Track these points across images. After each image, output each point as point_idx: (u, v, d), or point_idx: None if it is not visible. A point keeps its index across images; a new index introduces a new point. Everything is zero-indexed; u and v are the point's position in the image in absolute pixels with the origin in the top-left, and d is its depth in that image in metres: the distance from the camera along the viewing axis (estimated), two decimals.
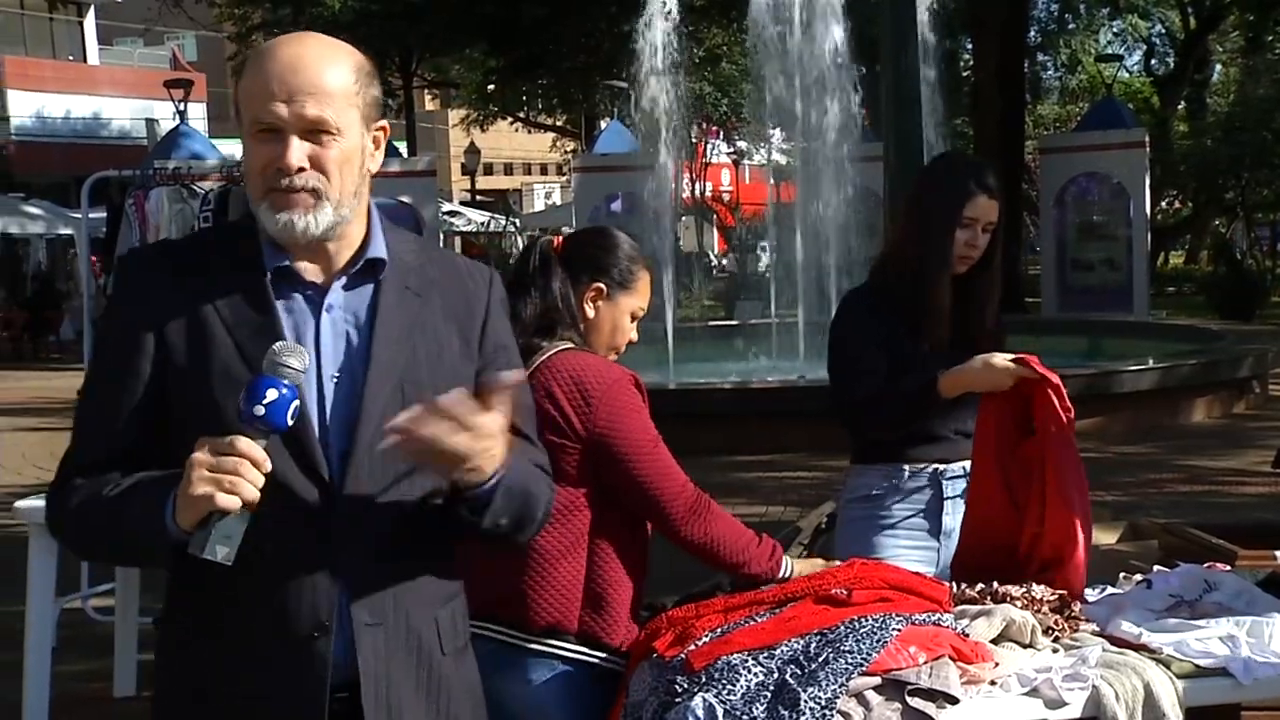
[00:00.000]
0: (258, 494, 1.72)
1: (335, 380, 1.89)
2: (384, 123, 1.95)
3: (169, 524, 1.75)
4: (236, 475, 1.70)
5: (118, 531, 1.84)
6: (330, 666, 1.86)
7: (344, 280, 1.93)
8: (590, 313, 2.74)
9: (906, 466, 3.30)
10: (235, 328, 1.86)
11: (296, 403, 1.76)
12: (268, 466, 1.73)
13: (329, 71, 1.86)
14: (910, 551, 3.26)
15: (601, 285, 2.73)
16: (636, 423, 2.61)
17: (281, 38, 1.91)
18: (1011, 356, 3.03)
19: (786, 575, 2.71)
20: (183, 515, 1.74)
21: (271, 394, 1.73)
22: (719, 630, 2.48)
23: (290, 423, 1.75)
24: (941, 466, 3.30)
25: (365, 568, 1.88)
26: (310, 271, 1.91)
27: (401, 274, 1.96)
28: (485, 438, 1.81)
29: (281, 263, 1.89)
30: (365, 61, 1.92)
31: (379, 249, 1.94)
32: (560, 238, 2.83)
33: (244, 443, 1.72)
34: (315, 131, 1.84)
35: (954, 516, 3.28)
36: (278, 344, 1.77)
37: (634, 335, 2.82)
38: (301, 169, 1.84)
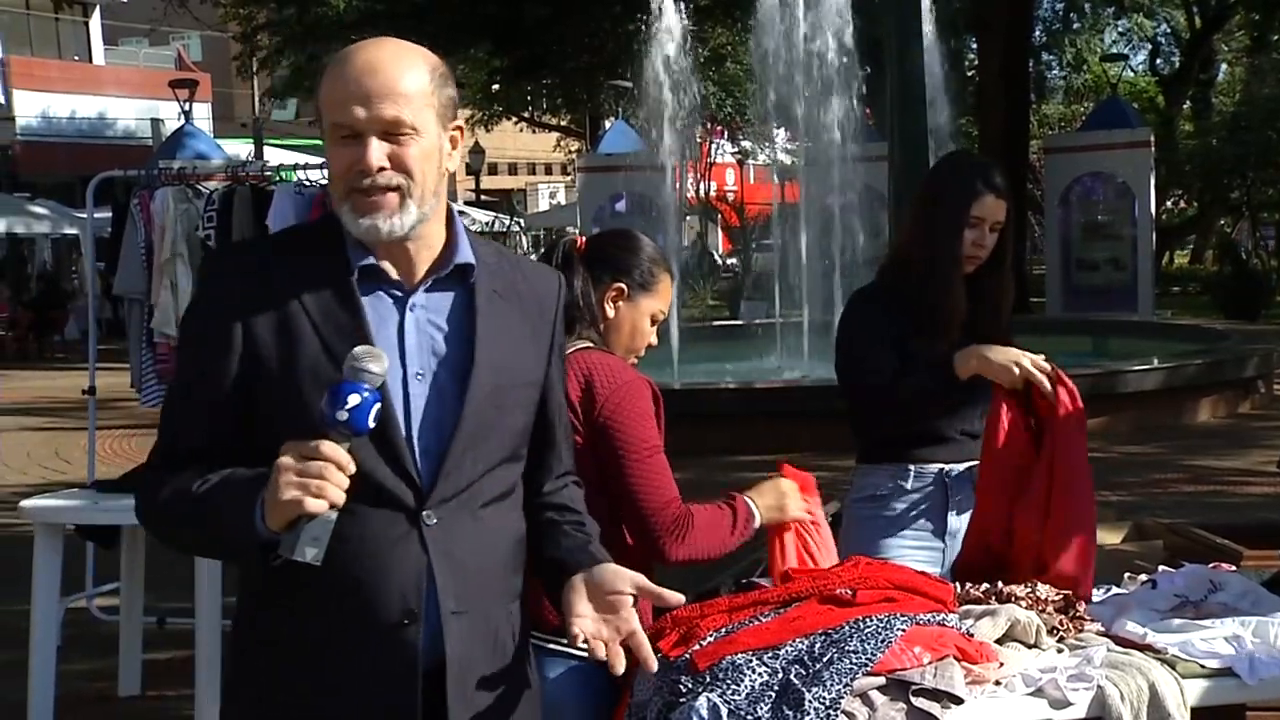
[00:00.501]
0: (344, 496, 1.77)
1: (420, 378, 1.94)
2: (460, 122, 2.00)
3: (258, 526, 1.80)
4: (323, 480, 1.75)
5: (207, 530, 1.89)
6: (420, 652, 1.91)
7: (430, 282, 1.97)
8: (610, 312, 2.74)
9: (913, 467, 3.29)
10: (322, 326, 1.90)
11: (378, 406, 1.80)
12: (352, 469, 1.78)
13: (405, 74, 1.90)
14: (915, 552, 3.26)
15: (623, 285, 2.74)
16: (638, 425, 2.60)
17: (360, 44, 1.95)
18: (1033, 359, 3.03)
19: (758, 524, 2.76)
20: (272, 518, 1.78)
21: (354, 399, 1.77)
22: (723, 630, 2.47)
23: (372, 425, 1.80)
24: (947, 467, 3.30)
25: (452, 559, 1.93)
26: (394, 270, 1.95)
27: (490, 278, 2.02)
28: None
29: (366, 261, 1.93)
30: (440, 63, 1.97)
31: (467, 254, 1.99)
32: (583, 238, 2.84)
33: (329, 447, 1.76)
34: (394, 132, 1.89)
35: (959, 517, 3.28)
36: (357, 349, 1.81)
37: (653, 339, 2.83)
38: (382, 168, 1.88)
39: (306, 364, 1.88)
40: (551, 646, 2.53)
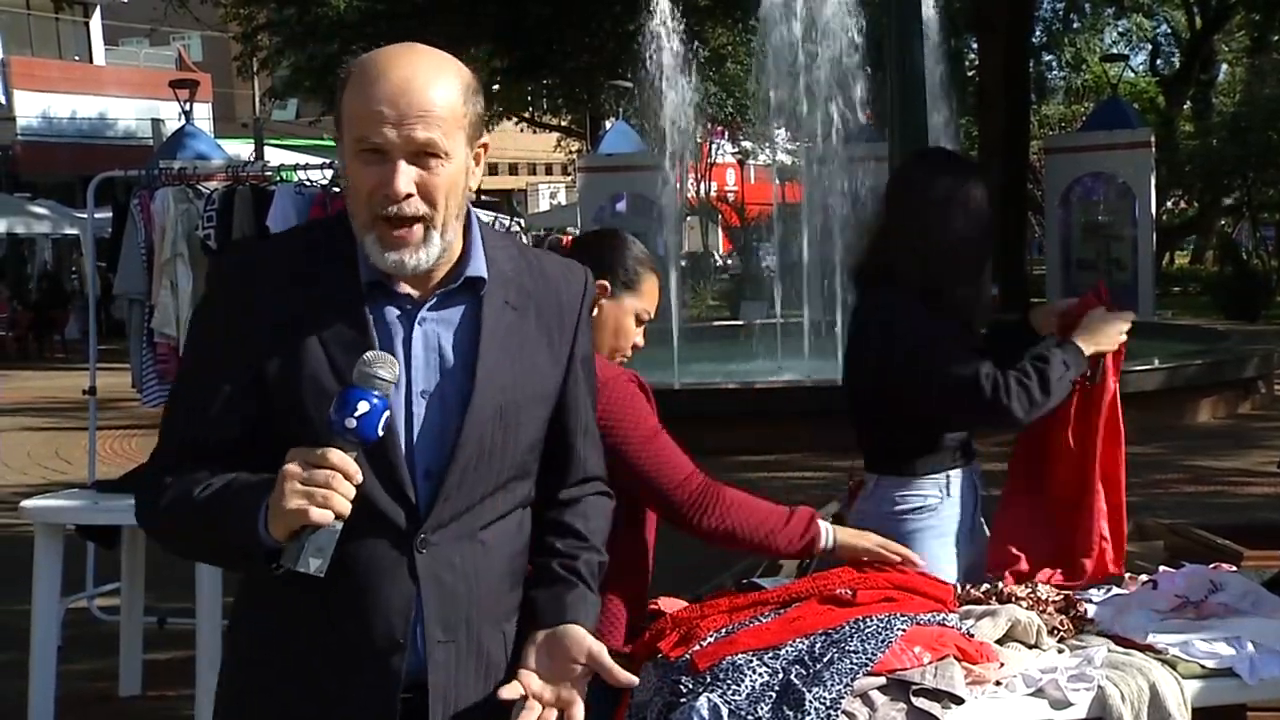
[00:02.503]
0: (349, 506, 1.72)
1: (424, 396, 1.87)
2: (486, 139, 1.94)
3: (262, 534, 1.75)
4: (329, 489, 1.70)
5: (209, 536, 1.85)
6: (402, 679, 1.87)
7: (438, 297, 1.91)
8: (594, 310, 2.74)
9: (956, 472, 3.22)
10: (328, 339, 1.84)
11: (387, 414, 1.74)
12: (359, 478, 1.73)
13: (440, 93, 1.82)
14: (958, 558, 3.21)
15: (605, 283, 2.73)
16: (632, 415, 2.60)
17: (390, 53, 1.86)
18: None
19: (828, 545, 2.68)
20: (275, 526, 1.73)
21: (363, 406, 1.72)
22: (724, 630, 2.47)
23: (381, 434, 1.74)
24: (971, 465, 3.29)
25: (442, 587, 1.87)
26: (406, 285, 1.89)
27: (502, 289, 1.94)
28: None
29: (377, 276, 1.87)
30: (472, 78, 1.89)
31: (479, 266, 1.92)
32: (569, 236, 2.84)
33: (336, 455, 1.71)
34: (423, 154, 1.82)
35: (983, 513, 3.31)
36: (369, 354, 1.76)
37: (640, 340, 2.82)
38: (409, 195, 1.81)
39: (309, 375, 1.83)
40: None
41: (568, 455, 2.05)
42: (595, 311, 2.73)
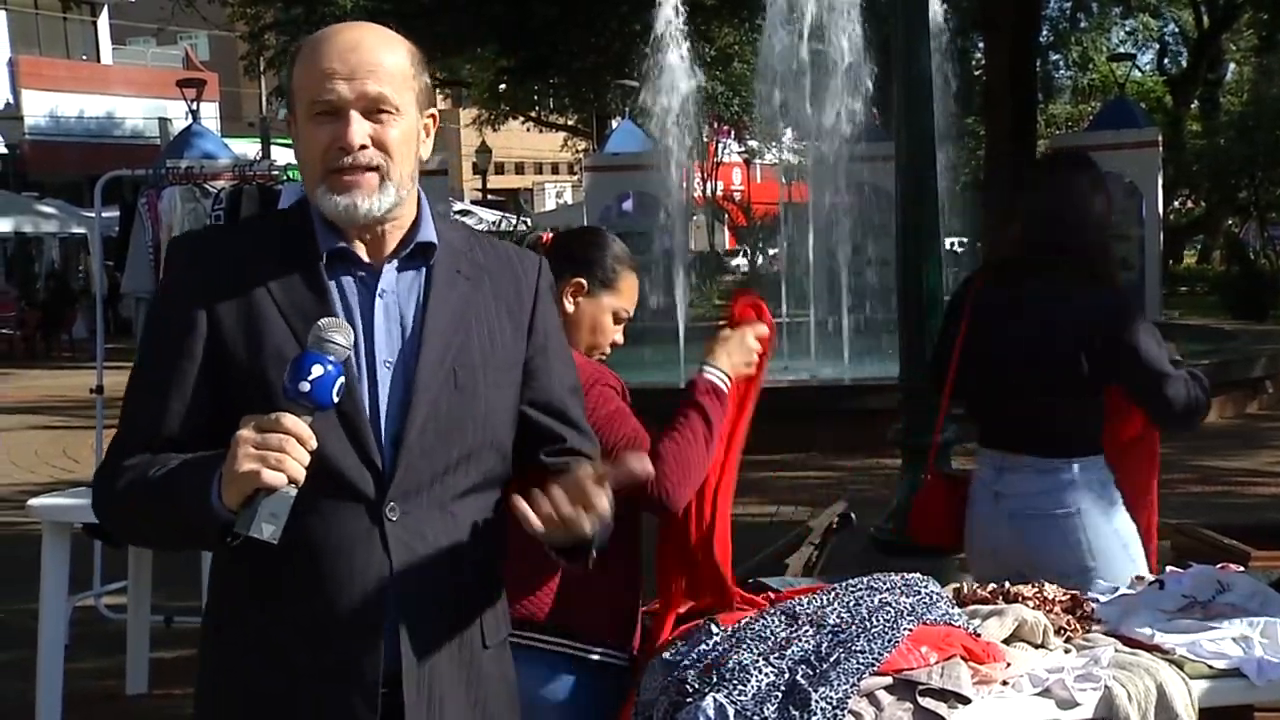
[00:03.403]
0: (304, 471, 1.71)
1: (389, 365, 1.88)
2: (434, 111, 1.97)
3: (214, 503, 1.73)
4: (282, 452, 1.69)
5: (163, 513, 1.82)
6: (381, 661, 1.86)
7: (395, 263, 1.92)
8: (569, 307, 2.73)
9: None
10: (289, 311, 1.85)
11: (342, 379, 1.74)
12: (313, 443, 1.72)
13: (387, 53, 1.88)
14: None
15: (582, 280, 2.74)
16: (596, 396, 2.56)
17: (335, 26, 1.93)
18: None
19: (723, 379, 2.70)
20: (228, 493, 1.71)
21: (317, 370, 1.71)
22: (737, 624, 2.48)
23: (336, 400, 1.74)
24: None
25: (415, 559, 1.87)
26: (364, 253, 1.91)
27: (452, 258, 1.96)
28: (598, 509, 1.80)
29: (336, 245, 1.89)
30: (418, 51, 1.95)
31: (429, 233, 1.94)
32: (549, 234, 2.84)
33: (289, 419, 1.70)
34: (376, 110, 1.85)
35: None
36: (322, 320, 1.76)
37: (619, 338, 2.82)
38: (364, 146, 1.85)
39: (272, 349, 1.83)
40: (539, 646, 2.53)
41: (554, 431, 2.03)
42: (572, 309, 2.74)
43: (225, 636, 1.93)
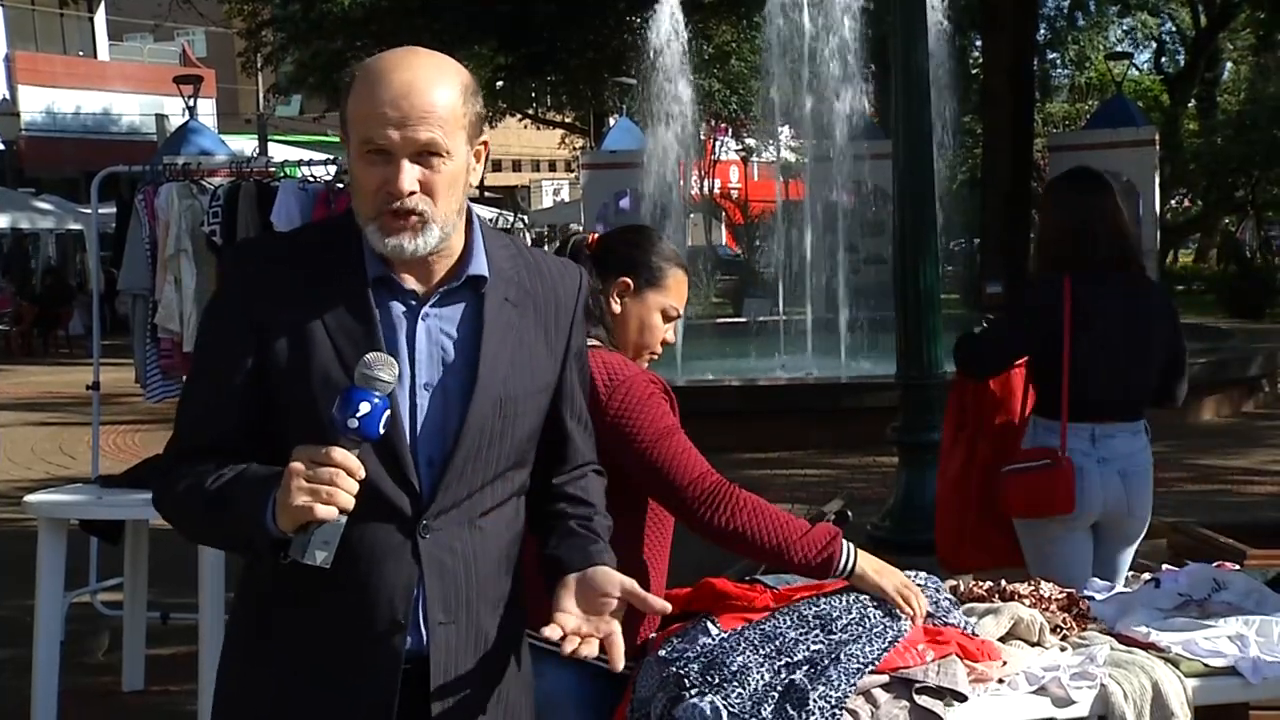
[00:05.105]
0: (353, 501, 1.79)
1: (428, 389, 1.95)
2: (486, 137, 2.02)
3: (269, 527, 1.82)
4: (333, 485, 1.77)
5: (220, 525, 1.92)
6: (403, 658, 1.94)
7: (440, 294, 1.98)
8: (616, 308, 2.73)
9: None
10: (335, 333, 1.91)
11: (388, 413, 1.82)
12: (362, 475, 1.80)
13: (440, 92, 1.91)
14: None
15: (628, 280, 2.73)
16: (645, 413, 2.58)
17: (392, 57, 1.94)
18: None
19: (847, 566, 2.53)
20: (282, 519, 1.80)
21: (364, 407, 1.79)
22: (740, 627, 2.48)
23: (381, 432, 1.81)
24: None
25: (444, 570, 1.95)
26: (410, 281, 1.96)
27: (502, 285, 2.02)
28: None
29: (383, 272, 1.95)
30: (471, 79, 1.97)
31: (480, 265, 2.00)
32: (595, 235, 2.84)
33: (339, 453, 1.78)
34: (425, 154, 1.90)
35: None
36: (369, 356, 1.83)
37: (670, 336, 2.81)
38: (412, 192, 1.89)
39: (318, 369, 1.90)
40: (538, 644, 2.53)
41: (565, 443, 2.14)
42: (618, 309, 2.73)
43: (255, 636, 2.00)
